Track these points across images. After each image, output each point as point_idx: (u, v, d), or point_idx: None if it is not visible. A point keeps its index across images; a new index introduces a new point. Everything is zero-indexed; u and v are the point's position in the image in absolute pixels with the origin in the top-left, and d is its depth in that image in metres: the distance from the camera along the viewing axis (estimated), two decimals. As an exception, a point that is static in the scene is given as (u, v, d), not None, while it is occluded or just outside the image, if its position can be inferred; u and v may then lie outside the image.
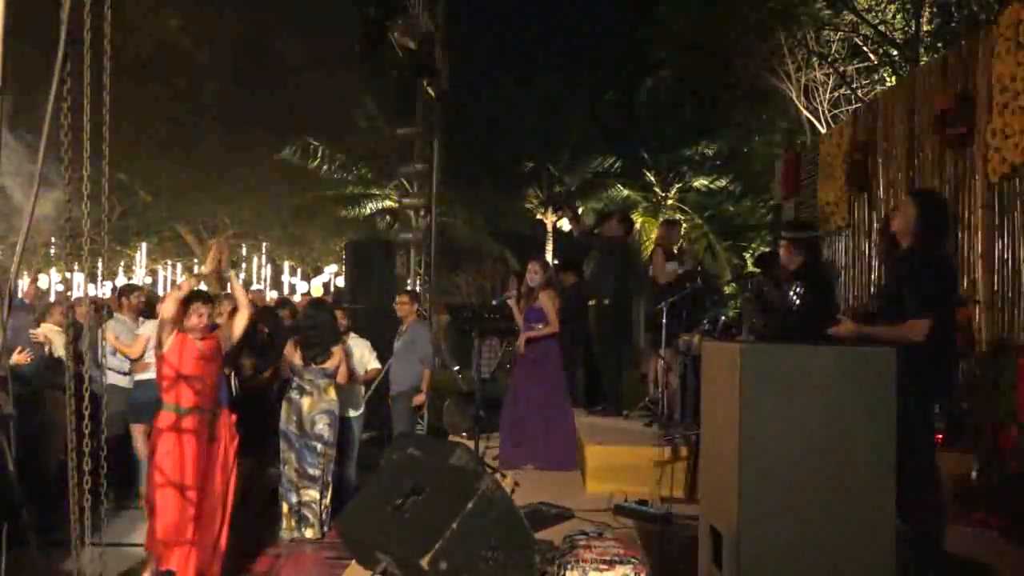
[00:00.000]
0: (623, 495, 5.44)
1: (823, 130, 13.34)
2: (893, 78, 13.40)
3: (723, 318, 6.58)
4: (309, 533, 5.72)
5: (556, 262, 20.68)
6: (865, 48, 14.35)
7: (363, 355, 6.93)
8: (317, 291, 19.08)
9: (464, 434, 7.97)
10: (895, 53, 14.10)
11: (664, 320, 6.81)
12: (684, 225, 19.38)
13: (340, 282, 17.78)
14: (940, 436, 5.91)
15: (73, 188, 2.17)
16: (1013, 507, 5.07)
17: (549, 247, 21.60)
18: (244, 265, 22.38)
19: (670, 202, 21.10)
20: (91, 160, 2.24)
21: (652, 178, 21.27)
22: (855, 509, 3.04)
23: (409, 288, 9.82)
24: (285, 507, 5.80)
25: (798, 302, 3.93)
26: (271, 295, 18.43)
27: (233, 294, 5.57)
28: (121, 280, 19.61)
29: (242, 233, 20.95)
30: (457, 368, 10.39)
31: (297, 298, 14.75)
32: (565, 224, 22.13)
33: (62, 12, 1.99)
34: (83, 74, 2.20)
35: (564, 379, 7.01)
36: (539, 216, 22.24)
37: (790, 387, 3.09)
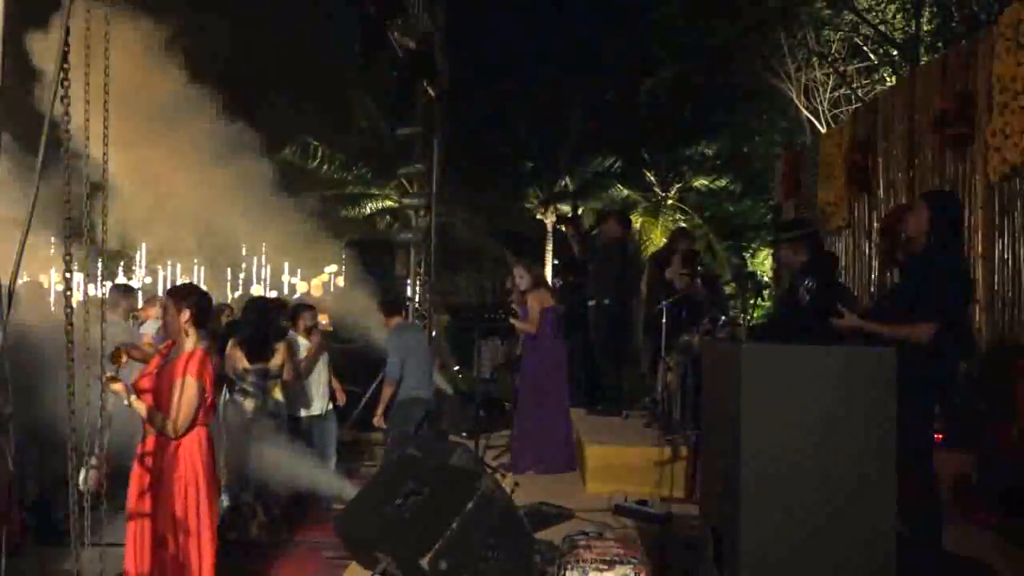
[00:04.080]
0: (623, 495, 5.45)
1: (823, 130, 13.34)
2: (893, 78, 13.39)
3: (723, 318, 6.59)
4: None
5: (556, 262, 20.70)
6: (865, 48, 14.35)
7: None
8: (317, 291, 19.06)
9: (464, 434, 7.98)
10: (895, 53, 14.10)
11: (664, 320, 6.82)
12: (684, 226, 19.40)
13: (340, 282, 17.75)
14: (940, 436, 5.92)
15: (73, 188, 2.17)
16: (1013, 507, 5.07)
17: (549, 247, 21.57)
18: (244, 265, 22.36)
19: (670, 202, 21.07)
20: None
21: (652, 178, 21.25)
22: (855, 509, 3.03)
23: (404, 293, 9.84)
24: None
25: (808, 297, 3.95)
26: (271, 295, 18.41)
27: None
28: (121, 280, 19.58)
29: (241, 233, 20.88)
30: (457, 368, 10.40)
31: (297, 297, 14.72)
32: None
33: (62, 12, 1.99)
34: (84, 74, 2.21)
35: (561, 382, 7.02)
36: (539, 216, 22.21)
37: (790, 387, 3.09)
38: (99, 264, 3.49)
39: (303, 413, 6.51)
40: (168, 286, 21.05)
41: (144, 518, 3.75)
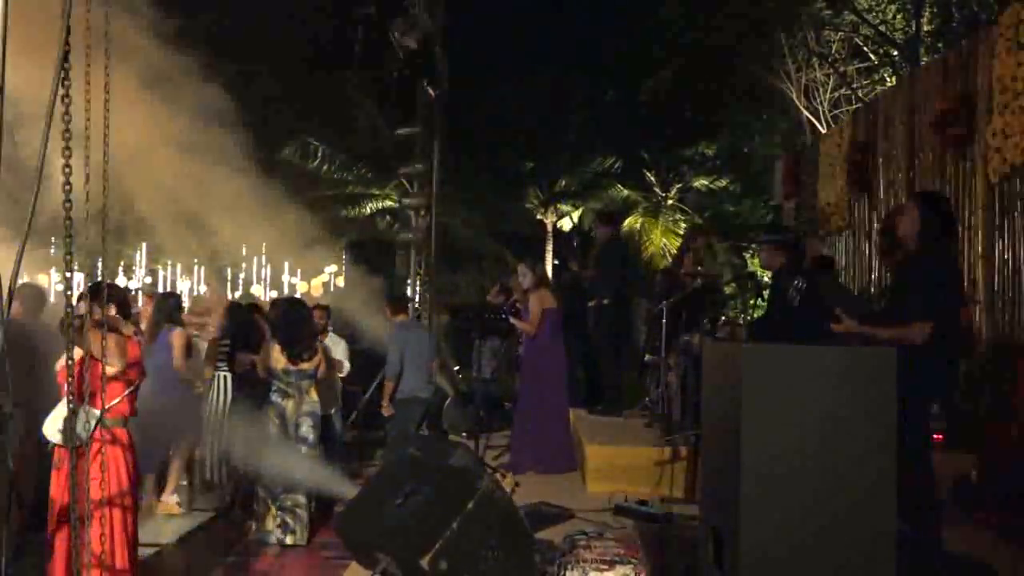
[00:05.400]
0: (623, 495, 5.45)
1: (823, 130, 13.33)
2: (893, 78, 13.38)
3: (723, 318, 6.59)
4: (290, 539, 5.57)
5: (556, 262, 20.69)
6: (865, 48, 14.34)
7: (340, 355, 6.95)
8: (317, 291, 19.06)
9: (464, 434, 7.98)
10: (895, 53, 14.09)
11: (664, 320, 6.82)
12: (684, 224, 19.39)
13: (340, 282, 17.75)
14: (940, 436, 5.92)
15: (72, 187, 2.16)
16: (1013, 507, 5.07)
17: (549, 247, 21.57)
18: (244, 265, 22.35)
19: (670, 202, 21.06)
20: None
21: (652, 178, 21.24)
22: (855, 509, 3.03)
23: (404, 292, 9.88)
24: (265, 510, 5.67)
25: (799, 298, 3.97)
26: (271, 295, 18.41)
27: None
28: (121, 281, 19.55)
29: (242, 232, 20.87)
30: (457, 368, 10.40)
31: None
32: (566, 223, 22.11)
33: (62, 12, 1.99)
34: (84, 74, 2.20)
35: (561, 382, 7.03)
36: (539, 216, 22.21)
37: (790, 387, 3.09)
38: (100, 264, 3.50)
39: (332, 411, 6.61)
40: (168, 286, 21.04)
41: (130, 510, 3.88)
